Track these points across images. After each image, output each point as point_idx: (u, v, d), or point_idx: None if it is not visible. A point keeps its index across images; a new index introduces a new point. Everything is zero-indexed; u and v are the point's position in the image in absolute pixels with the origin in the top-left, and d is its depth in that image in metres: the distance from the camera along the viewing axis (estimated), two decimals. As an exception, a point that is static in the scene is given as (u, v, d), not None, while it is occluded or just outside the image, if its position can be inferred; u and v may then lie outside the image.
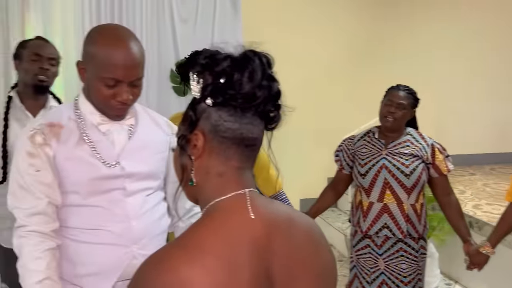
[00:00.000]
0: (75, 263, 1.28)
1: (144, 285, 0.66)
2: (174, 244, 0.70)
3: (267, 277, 0.70)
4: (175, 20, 3.99)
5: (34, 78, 1.84)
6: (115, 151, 1.30)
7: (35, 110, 1.87)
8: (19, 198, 1.24)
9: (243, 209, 0.72)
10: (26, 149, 1.24)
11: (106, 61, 1.20)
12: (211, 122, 0.73)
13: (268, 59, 0.75)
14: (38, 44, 1.89)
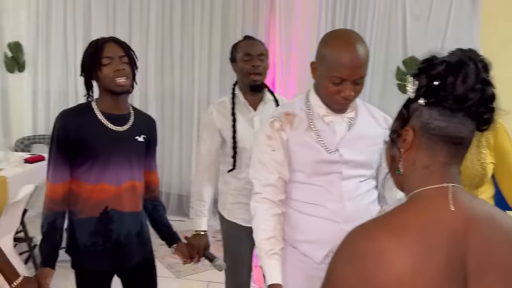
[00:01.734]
0: (295, 230, 1.52)
1: (348, 248, 0.80)
2: (380, 219, 0.82)
3: (460, 267, 0.75)
4: (406, 17, 3.97)
5: (249, 78, 2.02)
6: (335, 139, 1.49)
7: (255, 104, 2.09)
8: (257, 171, 1.53)
9: (444, 201, 0.79)
10: (266, 133, 1.52)
11: (335, 61, 1.37)
12: (422, 120, 0.82)
13: (485, 64, 0.80)
14: (248, 44, 2.07)
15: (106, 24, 4.39)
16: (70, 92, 4.55)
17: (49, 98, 4.61)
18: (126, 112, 1.75)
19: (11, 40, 4.50)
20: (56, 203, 1.66)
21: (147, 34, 4.36)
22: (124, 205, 1.71)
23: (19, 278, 1.49)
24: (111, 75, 1.63)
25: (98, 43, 1.66)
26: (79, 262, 1.73)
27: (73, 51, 4.48)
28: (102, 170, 1.65)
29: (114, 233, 1.70)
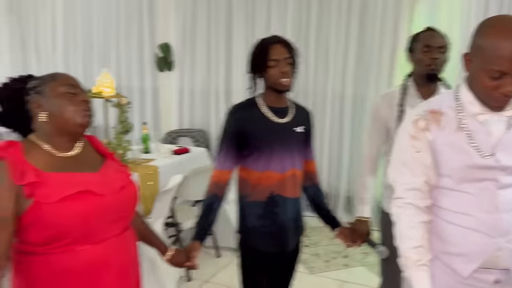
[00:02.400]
0: (444, 241, 1.37)
1: None
2: None
3: None
4: None
5: (426, 68, 1.97)
6: (491, 142, 1.31)
7: (426, 97, 1.97)
8: (400, 173, 1.42)
9: None
10: (409, 132, 1.38)
11: (493, 53, 1.21)
12: None
13: None
14: (429, 35, 1.99)
15: (245, 26, 4.57)
16: (211, 90, 4.84)
17: (194, 96, 4.97)
18: (286, 105, 1.85)
19: (162, 41, 4.95)
20: (219, 187, 1.81)
21: (284, 33, 4.42)
22: (287, 191, 1.82)
23: (171, 251, 1.64)
24: (276, 76, 1.74)
25: (264, 45, 1.75)
26: (247, 241, 1.86)
27: (215, 52, 4.75)
28: (268, 159, 1.77)
29: (279, 216, 1.82)
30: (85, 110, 1.34)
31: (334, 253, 3.65)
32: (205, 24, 4.76)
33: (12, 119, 1.37)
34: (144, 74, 5.13)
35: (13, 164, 1.22)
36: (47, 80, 1.34)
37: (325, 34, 4.29)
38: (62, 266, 1.27)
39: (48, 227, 1.23)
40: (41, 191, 1.22)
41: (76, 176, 1.29)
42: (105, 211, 1.31)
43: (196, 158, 3.75)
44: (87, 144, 1.44)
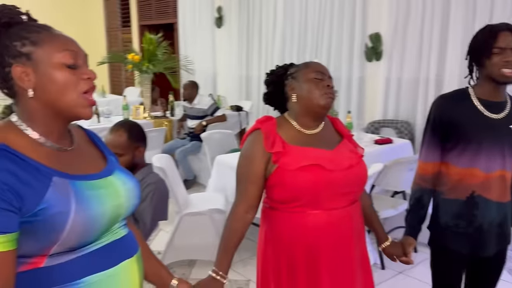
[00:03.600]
0: None
1: None
2: None
3: None
4: None
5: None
6: None
7: None
8: None
9: None
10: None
11: None
12: None
13: None
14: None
15: (465, 10, 4.23)
16: (421, 79, 4.66)
17: (400, 86, 4.86)
18: (504, 99, 1.72)
19: (373, 31, 4.97)
20: (425, 180, 1.80)
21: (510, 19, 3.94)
22: (491, 193, 1.70)
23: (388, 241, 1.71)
24: (499, 65, 1.62)
25: (493, 30, 1.66)
26: (439, 239, 1.82)
27: (428, 39, 4.54)
28: (473, 155, 1.68)
29: (477, 219, 1.72)
30: (328, 94, 1.54)
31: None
32: (420, 10, 4.57)
33: (274, 99, 1.69)
34: (352, 64, 5.24)
35: (266, 134, 1.53)
36: (301, 68, 1.61)
37: None
38: (294, 223, 1.53)
39: (286, 189, 1.49)
40: (284, 159, 1.49)
41: (312, 151, 1.52)
42: (332, 184, 1.49)
43: (398, 149, 3.71)
44: (329, 125, 1.66)
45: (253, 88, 6.62)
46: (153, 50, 5.31)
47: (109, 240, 1.06)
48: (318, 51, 5.53)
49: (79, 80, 1.01)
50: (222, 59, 7.13)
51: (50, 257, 0.97)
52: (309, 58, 5.57)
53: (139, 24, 8.66)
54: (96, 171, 1.07)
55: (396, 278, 3.11)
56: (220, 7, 6.96)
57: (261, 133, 1.52)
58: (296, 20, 5.81)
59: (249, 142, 1.56)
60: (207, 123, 5.15)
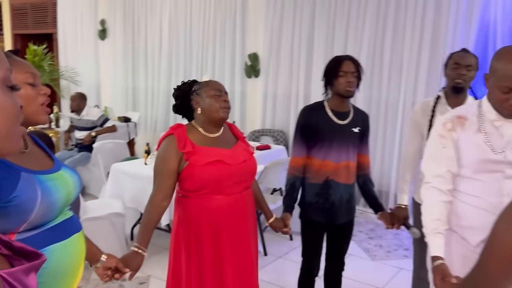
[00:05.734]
0: (458, 217, 1.73)
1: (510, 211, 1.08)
2: None
3: None
4: None
5: (453, 81, 2.32)
6: (502, 142, 1.63)
7: (454, 106, 2.30)
8: (429, 164, 1.77)
9: None
10: (439, 132, 1.74)
11: (503, 73, 1.54)
12: None
13: None
14: (459, 55, 2.36)
15: (325, 41, 5.10)
16: (292, 95, 5.41)
17: (276, 100, 5.58)
18: (348, 110, 2.32)
19: (251, 52, 5.61)
20: (296, 170, 2.32)
21: (360, 47, 4.88)
22: (340, 177, 2.29)
23: (273, 218, 2.21)
24: (344, 85, 2.20)
25: (338, 60, 2.24)
26: (305, 213, 2.37)
27: (297, 62, 5.33)
28: (327, 151, 2.25)
29: (331, 196, 2.30)
30: (226, 107, 1.95)
31: (396, 245, 4.04)
32: (290, 38, 5.36)
33: (183, 110, 2.07)
34: (234, 80, 5.84)
35: (178, 138, 1.91)
36: (203, 85, 1.99)
37: (399, 51, 4.69)
38: (203, 206, 1.93)
39: (196, 180, 1.90)
40: (194, 157, 1.89)
41: (215, 150, 1.93)
42: (231, 175, 1.92)
43: (275, 154, 4.34)
44: (227, 129, 2.08)
45: (140, 100, 6.84)
46: (38, 62, 5.26)
47: (62, 219, 1.38)
48: (203, 68, 6.03)
49: (38, 95, 1.33)
50: (106, 71, 7.20)
51: (19, 233, 1.27)
52: (195, 73, 6.04)
53: (13, 32, 8.25)
54: (48, 167, 1.36)
55: (277, 262, 3.69)
56: (103, 20, 7.05)
57: (174, 137, 1.91)
58: (181, 38, 6.24)
59: (164, 145, 1.94)
60: (97, 134, 5.24)
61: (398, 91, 4.74)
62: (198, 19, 6.06)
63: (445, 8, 4.38)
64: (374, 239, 4.18)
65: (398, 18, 4.65)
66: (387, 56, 4.76)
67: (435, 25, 4.46)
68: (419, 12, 4.51)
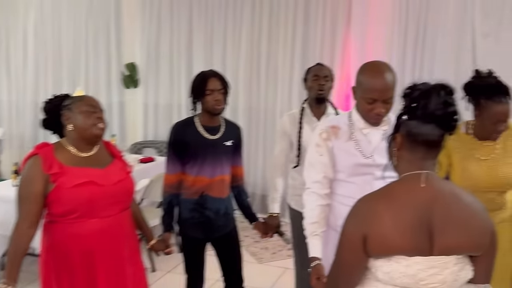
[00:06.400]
0: (337, 217, 1.86)
1: (355, 210, 1.26)
2: (378, 191, 1.27)
3: (427, 223, 1.16)
4: (476, 36, 4.16)
5: (316, 92, 2.50)
6: (371, 147, 1.81)
7: (318, 115, 2.58)
8: (308, 171, 1.90)
9: (418, 181, 1.20)
10: (315, 142, 1.88)
11: (368, 86, 1.71)
12: (406, 129, 1.23)
13: (449, 90, 1.19)
14: (317, 68, 2.55)
15: (204, 51, 5.16)
16: (175, 104, 5.37)
17: (158, 110, 5.48)
18: (218, 124, 2.33)
19: (128, 61, 5.44)
20: (172, 187, 2.29)
21: (238, 57, 5.05)
22: (215, 191, 2.29)
23: (154, 240, 2.15)
24: (211, 103, 2.21)
25: (204, 77, 2.24)
26: (183, 230, 2.34)
27: (177, 70, 5.31)
28: (201, 166, 2.24)
29: (207, 211, 2.29)
30: (99, 124, 1.84)
31: (280, 246, 4.23)
32: (168, 47, 5.32)
33: (52, 125, 1.91)
34: (111, 91, 5.60)
35: (44, 158, 1.76)
36: (76, 100, 1.86)
37: (274, 62, 4.94)
38: (73, 232, 1.80)
39: (64, 204, 1.76)
40: (62, 179, 1.76)
41: (86, 170, 1.82)
42: (105, 196, 1.82)
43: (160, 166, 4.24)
44: (103, 147, 1.95)
45: (3, 114, 6.18)
46: None
47: None
48: (75, 78, 5.67)
49: None
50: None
51: None
52: (67, 84, 5.65)
53: None
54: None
55: (166, 277, 3.62)
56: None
57: (39, 158, 1.76)
58: (50, 46, 5.79)
59: (28, 166, 1.78)
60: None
61: (274, 100, 4.99)
62: (67, 25, 5.68)
63: (312, 22, 4.74)
64: (260, 242, 4.33)
65: (271, 29, 4.91)
66: (263, 66, 4.99)
67: (304, 37, 4.80)
68: (290, 24, 4.81)
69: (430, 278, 1.17)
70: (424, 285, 1.18)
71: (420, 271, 1.17)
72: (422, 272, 1.17)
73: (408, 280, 1.18)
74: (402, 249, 1.17)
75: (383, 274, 1.20)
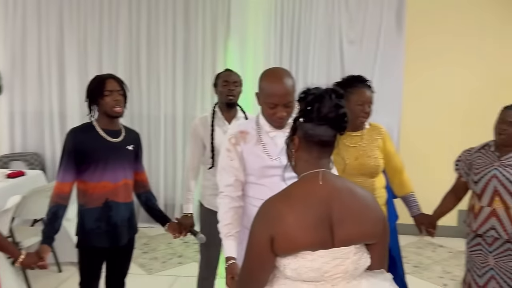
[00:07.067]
0: (250, 218, 1.83)
1: (261, 212, 1.31)
2: (279, 192, 1.33)
3: (327, 218, 1.25)
4: (343, 42, 4.60)
5: (226, 97, 2.67)
6: (277, 150, 1.88)
7: (229, 119, 2.70)
8: (221, 175, 1.95)
9: (316, 179, 1.29)
10: (226, 147, 1.94)
11: (269, 91, 1.81)
12: (303, 131, 1.31)
13: (339, 94, 1.30)
14: (226, 74, 2.73)
15: (77, 54, 4.85)
16: (45, 112, 4.94)
17: (26, 119, 4.99)
18: (119, 128, 2.29)
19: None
20: (62, 197, 2.15)
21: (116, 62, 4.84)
22: (119, 197, 2.24)
23: (22, 255, 1.96)
24: (111, 104, 2.17)
25: (101, 78, 2.20)
26: (85, 241, 2.23)
27: (47, 78, 4.91)
28: (103, 171, 2.17)
29: (112, 218, 2.23)
30: None
31: (170, 255, 4.16)
32: (36, 51, 4.89)
33: None
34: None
35: None
36: None
37: (155, 66, 4.84)
38: None
39: None
40: None
41: None
42: None
43: (32, 180, 3.88)
44: None
45: None
46: None
47: None
48: None
49: None
50: None
51: None
52: None
53: None
54: None
55: None
56: None
57: None
58: None
59: None
60: None
61: (158, 105, 4.89)
62: None
63: (192, 25, 4.75)
64: (148, 252, 4.21)
65: (150, 32, 4.80)
66: (143, 71, 4.85)
67: (185, 41, 4.78)
68: (170, 26, 4.76)
69: (333, 270, 1.25)
70: (329, 277, 1.26)
71: (325, 264, 1.24)
72: (326, 264, 1.25)
73: (314, 274, 1.25)
74: (307, 245, 1.24)
75: (291, 271, 1.26)
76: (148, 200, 2.44)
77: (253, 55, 4.67)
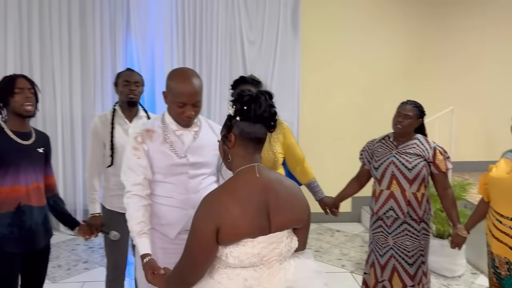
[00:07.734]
0: (156, 216, 1.97)
1: (204, 204, 1.37)
2: (221, 186, 1.42)
3: (265, 207, 1.37)
4: (244, 43, 4.78)
5: (127, 97, 2.61)
6: (184, 148, 1.92)
7: (130, 118, 2.68)
8: (127, 174, 1.91)
9: (254, 172, 1.41)
10: (132, 145, 1.91)
11: (177, 91, 1.83)
12: (239, 129, 1.41)
13: (271, 95, 1.43)
14: (127, 74, 2.69)
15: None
16: None
17: None
18: (29, 130, 2.17)
19: None
20: None
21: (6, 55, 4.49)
22: (32, 200, 2.12)
23: None
24: (22, 101, 2.07)
25: (11, 77, 2.11)
26: None
27: None
28: (15, 175, 2.04)
29: (26, 222, 2.09)
30: None
31: (74, 261, 3.97)
32: None
33: None
34: None
35: None
36: None
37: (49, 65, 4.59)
38: None
39: None
40: None
41: None
42: None
43: None
44: None
45: None
46: None
47: None
48: None
49: None
50: None
51: None
52: None
53: None
54: None
55: None
56: None
57: None
58: None
59: None
60: None
61: (54, 105, 4.63)
62: None
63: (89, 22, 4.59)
64: (51, 260, 3.91)
65: (43, 29, 4.54)
66: (37, 71, 4.56)
67: (82, 38, 4.60)
68: (65, 23, 4.55)
69: (270, 253, 1.38)
70: (266, 260, 1.38)
71: (263, 249, 1.36)
72: (264, 249, 1.37)
73: (254, 259, 1.36)
74: (249, 233, 1.34)
75: (233, 259, 1.35)
76: (56, 204, 2.35)
77: (154, 54, 4.64)
